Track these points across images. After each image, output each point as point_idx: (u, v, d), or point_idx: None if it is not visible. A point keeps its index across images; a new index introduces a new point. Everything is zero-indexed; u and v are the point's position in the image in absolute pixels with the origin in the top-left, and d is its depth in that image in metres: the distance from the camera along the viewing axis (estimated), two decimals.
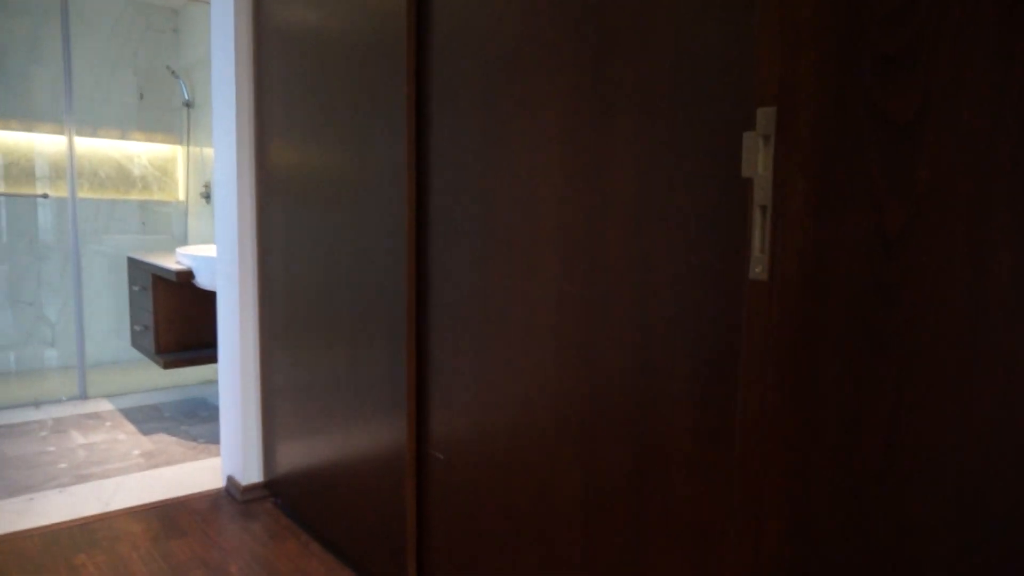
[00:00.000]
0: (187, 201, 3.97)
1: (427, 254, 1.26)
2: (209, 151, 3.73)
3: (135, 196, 3.89)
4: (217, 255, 2.07)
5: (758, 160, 0.63)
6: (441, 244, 1.22)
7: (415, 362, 1.30)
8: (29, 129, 3.55)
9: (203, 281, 2.59)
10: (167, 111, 4.00)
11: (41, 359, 3.66)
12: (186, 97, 3.87)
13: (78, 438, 2.63)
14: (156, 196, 3.96)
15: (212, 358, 2.82)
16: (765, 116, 0.62)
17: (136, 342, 3.00)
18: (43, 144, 3.59)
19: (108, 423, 2.83)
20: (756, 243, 0.65)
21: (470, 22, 1.11)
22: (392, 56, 1.29)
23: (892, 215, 0.54)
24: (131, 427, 2.79)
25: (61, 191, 3.69)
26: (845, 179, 0.57)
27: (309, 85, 1.61)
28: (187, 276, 2.60)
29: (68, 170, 3.28)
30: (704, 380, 0.77)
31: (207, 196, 3.74)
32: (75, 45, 3.59)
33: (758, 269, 0.65)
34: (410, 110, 1.27)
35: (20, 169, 3.53)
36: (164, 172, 3.99)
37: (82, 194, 3.70)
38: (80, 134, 3.67)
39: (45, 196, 3.58)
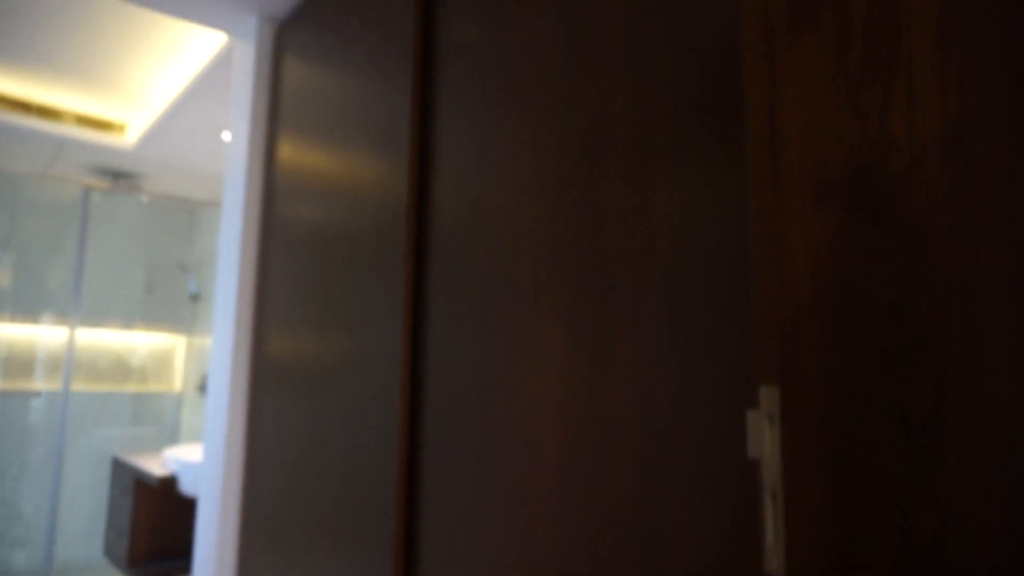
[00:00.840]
0: (183, 393, 3.92)
1: (420, 454, 1.18)
2: (210, 342, 3.74)
3: (131, 387, 3.84)
4: (204, 453, 1.98)
5: (765, 441, 0.58)
6: (437, 444, 1.14)
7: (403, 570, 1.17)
8: (35, 322, 3.59)
9: (186, 488, 2.46)
10: (174, 304, 4.08)
11: (8, 561, 3.40)
12: (194, 290, 3.97)
13: None
14: (152, 387, 3.92)
15: (186, 568, 2.61)
16: (768, 396, 0.58)
17: (109, 550, 2.79)
18: (45, 337, 3.61)
19: None
20: (769, 533, 0.58)
21: (469, 224, 1.12)
22: (391, 252, 1.30)
23: (919, 528, 0.48)
24: None
25: (56, 384, 3.65)
26: (862, 476, 0.52)
27: (310, 279, 1.62)
28: (170, 483, 2.47)
29: (65, 365, 3.27)
30: None
31: (203, 388, 3.70)
32: (91, 242, 3.75)
33: (773, 563, 0.57)
34: (407, 304, 1.25)
35: (19, 363, 3.52)
36: (163, 362, 3.99)
37: (78, 386, 3.66)
38: (84, 325, 3.71)
39: (38, 394, 3.53)
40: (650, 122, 0.82)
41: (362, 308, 1.40)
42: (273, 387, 1.76)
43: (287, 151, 1.84)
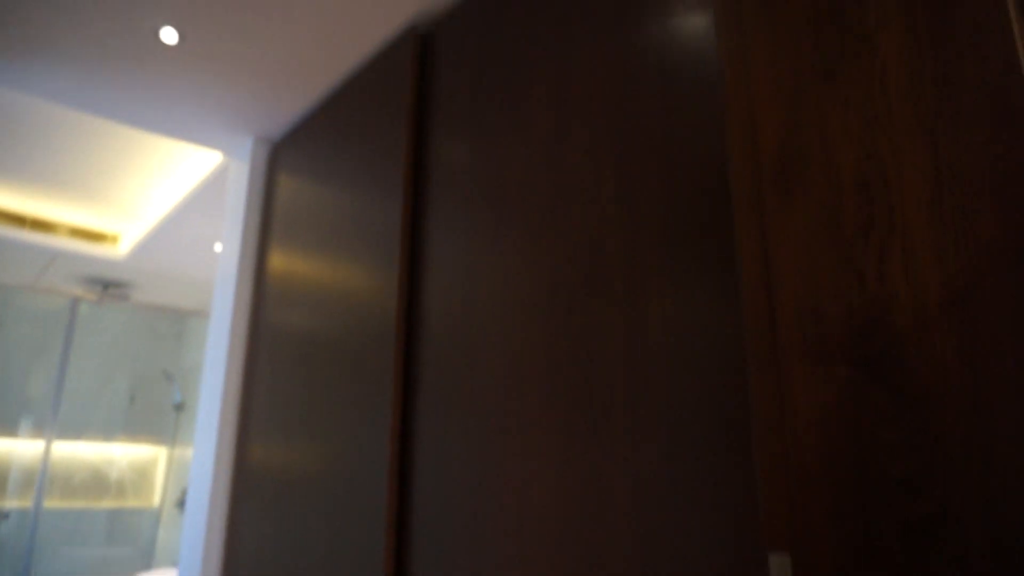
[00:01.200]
0: (161, 508, 3.74)
1: (408, 568, 1.09)
2: (192, 452, 3.62)
3: (107, 503, 3.67)
4: (179, 572, 1.85)
5: None
6: (425, 561, 1.06)
7: None
8: (12, 435, 3.47)
9: None
10: (157, 413, 3.97)
11: None
12: (178, 399, 3.87)
13: None
14: (130, 502, 3.75)
15: None
16: (780, 565, 0.53)
17: None
18: (21, 450, 3.48)
19: None
20: None
21: (459, 336, 1.09)
22: (380, 359, 1.27)
23: None
24: None
25: (28, 501, 3.48)
26: None
27: (296, 386, 1.57)
28: None
29: (38, 480, 3.13)
30: None
31: (182, 503, 3.54)
32: (75, 351, 3.68)
33: None
34: (396, 413, 1.20)
35: None
36: (142, 476, 3.83)
37: (51, 503, 3.50)
38: (62, 438, 3.59)
39: (6, 515, 3.36)
40: (641, 244, 0.82)
41: (348, 418, 1.35)
42: (255, 499, 1.67)
43: (278, 261, 1.84)
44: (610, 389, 0.81)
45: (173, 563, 3.42)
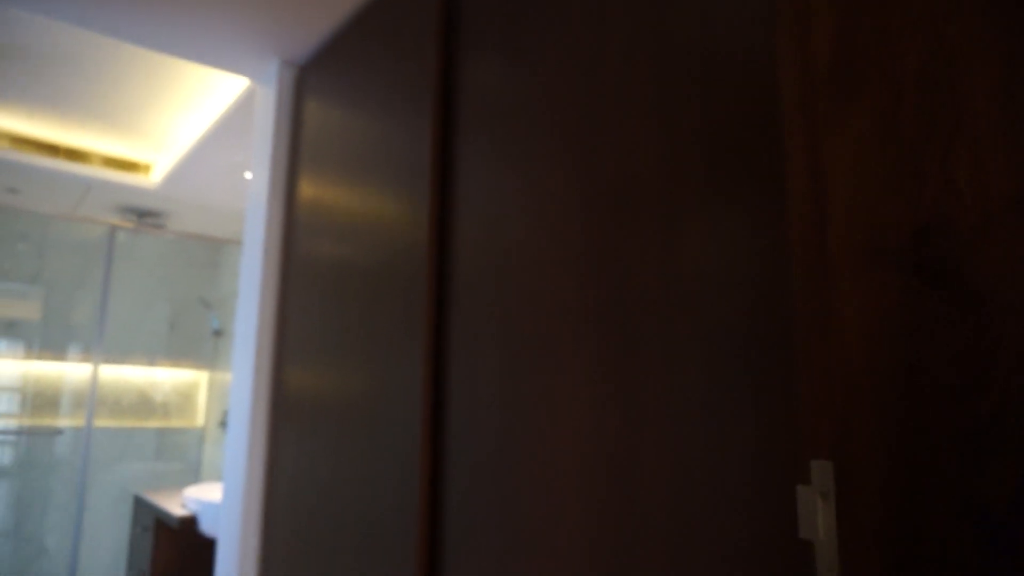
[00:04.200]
0: (205, 428, 3.91)
1: (442, 494, 1.14)
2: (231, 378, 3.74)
3: (154, 423, 3.85)
4: (223, 492, 1.95)
5: (818, 522, 0.53)
6: (458, 485, 1.10)
7: None
8: (61, 359, 3.62)
9: (206, 528, 2.43)
10: (196, 340, 4.09)
11: None
12: (216, 326, 3.98)
13: None
14: (175, 423, 3.92)
15: None
16: (821, 471, 0.53)
17: None
18: (71, 374, 3.64)
19: None
20: None
21: (491, 264, 1.09)
22: (412, 289, 1.28)
23: None
24: None
25: (81, 420, 3.66)
26: (928, 568, 0.47)
27: (329, 315, 1.60)
28: (190, 523, 2.45)
29: (89, 401, 3.28)
30: None
31: (224, 424, 3.69)
32: (115, 279, 3.78)
33: None
34: (428, 341, 1.22)
35: (45, 399, 3.55)
36: (186, 398, 3.99)
37: (102, 422, 3.67)
38: (108, 363, 3.73)
39: (60, 432, 3.55)
40: (680, 165, 0.79)
41: (382, 344, 1.37)
42: (292, 422, 1.73)
43: (308, 190, 1.84)
44: (644, 309, 0.80)
45: (218, 478, 3.60)
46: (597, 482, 0.84)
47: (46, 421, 3.52)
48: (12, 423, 3.45)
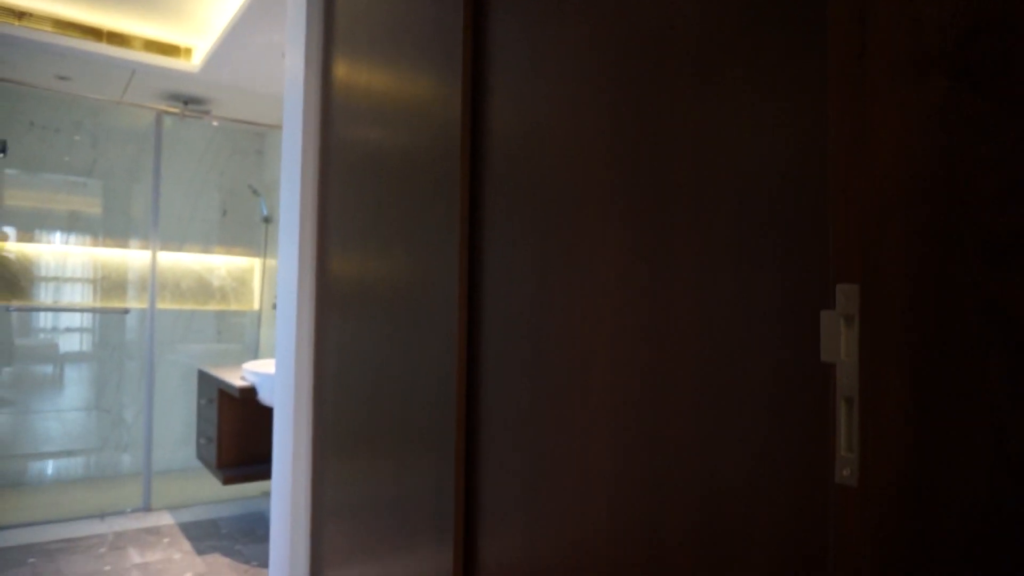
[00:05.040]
0: (260, 311, 4.09)
1: (478, 368, 1.19)
2: None
3: (213, 307, 4.04)
4: (275, 368, 2.07)
5: (840, 345, 0.53)
6: (494, 358, 1.15)
7: (464, 483, 1.21)
8: (124, 246, 3.79)
9: (265, 398, 2.59)
10: (247, 227, 4.21)
11: (116, 464, 3.73)
12: (265, 213, 4.07)
13: (134, 556, 2.60)
14: (233, 306, 4.11)
15: (268, 472, 2.79)
16: (846, 295, 0.53)
17: (200, 454, 3.01)
18: (134, 260, 3.81)
19: (166, 539, 2.80)
20: (842, 441, 0.54)
21: (525, 137, 1.08)
22: (446, 170, 1.28)
23: (1018, 437, 0.43)
24: (187, 545, 2.74)
25: (144, 302, 3.87)
26: (952, 380, 0.47)
27: (367, 199, 1.62)
28: (250, 392, 2.61)
29: (150, 284, 3.45)
30: None
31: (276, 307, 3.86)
32: (166, 168, 3.87)
33: (845, 472, 0.54)
34: (463, 222, 1.23)
35: (112, 283, 3.75)
36: (242, 283, 4.16)
37: (164, 305, 3.88)
38: (166, 249, 3.89)
39: (127, 311, 3.76)
40: (714, 25, 0.75)
41: (418, 227, 1.38)
42: (336, 306, 1.80)
43: (342, 71, 1.81)
44: (678, 160, 0.78)
45: (274, 356, 3.79)
46: (629, 328, 0.85)
47: (114, 303, 3.74)
48: (88, 305, 3.68)
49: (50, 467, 3.62)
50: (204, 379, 3.03)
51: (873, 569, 0.52)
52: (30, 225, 3.59)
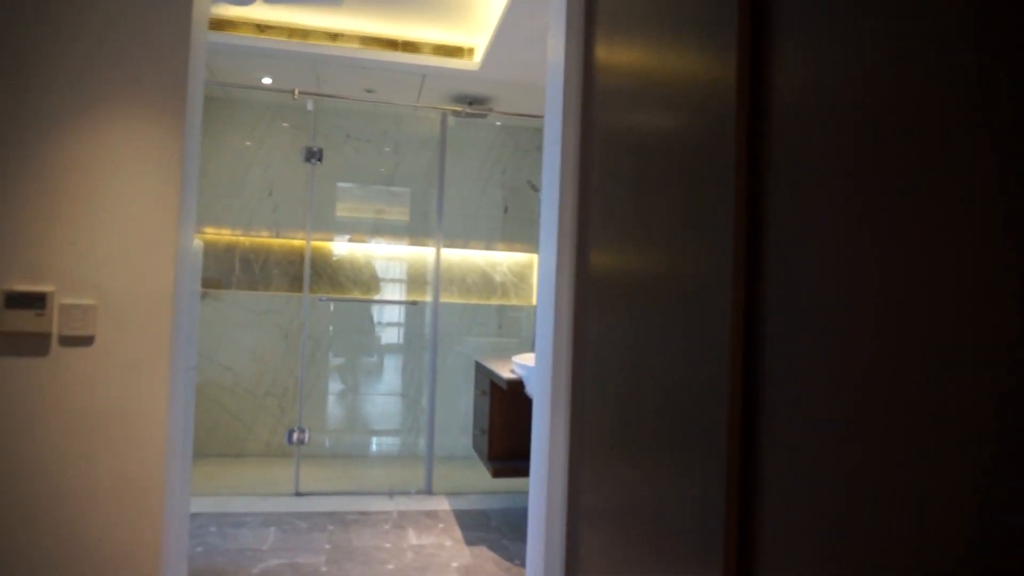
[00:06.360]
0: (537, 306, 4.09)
1: (757, 377, 0.87)
2: None
3: (494, 301, 4.15)
4: (535, 362, 1.94)
5: None
6: (779, 371, 0.82)
7: (737, 510, 0.89)
8: (421, 244, 4.08)
9: (531, 390, 2.49)
10: (527, 222, 4.25)
11: (414, 446, 4.02)
12: None
13: (412, 537, 2.70)
14: (512, 301, 4.18)
15: None
16: None
17: (475, 444, 3.04)
18: (430, 257, 4.08)
19: (441, 525, 2.87)
20: None
21: (820, 111, 0.74)
22: (717, 156, 0.99)
23: None
24: (459, 533, 2.77)
25: (430, 296, 4.11)
26: None
27: (626, 191, 1.39)
28: (518, 385, 2.53)
29: (434, 279, 3.63)
30: None
31: None
32: (454, 168, 4.06)
33: None
34: (739, 208, 0.94)
35: (412, 279, 4.06)
36: (521, 278, 4.21)
37: (452, 299, 4.08)
38: (452, 247, 4.09)
39: (414, 303, 4.03)
40: None
41: (682, 222, 1.11)
42: (594, 298, 1.61)
43: (604, 54, 1.61)
44: None
45: None
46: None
47: (418, 297, 4.05)
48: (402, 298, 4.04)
49: (370, 444, 4.04)
50: (479, 370, 3.06)
51: None
52: (350, 230, 4.04)
